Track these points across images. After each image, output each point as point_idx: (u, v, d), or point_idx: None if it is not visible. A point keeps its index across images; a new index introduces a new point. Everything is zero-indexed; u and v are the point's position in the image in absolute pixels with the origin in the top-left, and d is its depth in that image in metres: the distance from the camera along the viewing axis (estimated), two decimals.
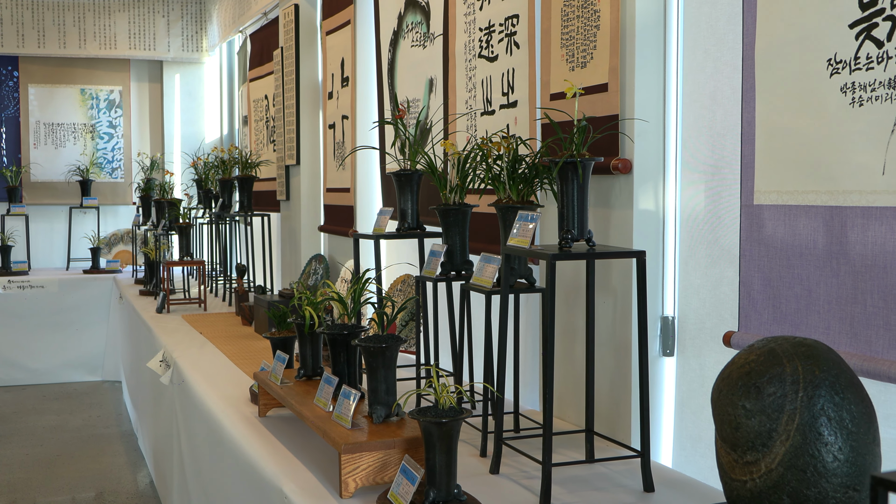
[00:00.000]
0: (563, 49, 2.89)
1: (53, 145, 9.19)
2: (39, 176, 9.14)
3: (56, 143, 9.20)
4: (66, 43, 8.89)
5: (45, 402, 7.71)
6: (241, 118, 8.01)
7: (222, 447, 3.07)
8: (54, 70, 9.16)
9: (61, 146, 9.21)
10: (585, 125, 2.34)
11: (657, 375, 2.72)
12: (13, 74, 9.05)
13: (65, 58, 9.07)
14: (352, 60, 5.08)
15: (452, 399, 2.13)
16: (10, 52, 8.84)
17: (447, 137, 3.67)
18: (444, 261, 2.87)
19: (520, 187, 2.58)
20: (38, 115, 9.15)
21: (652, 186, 2.67)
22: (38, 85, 9.13)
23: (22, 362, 8.27)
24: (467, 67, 3.59)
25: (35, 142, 9.13)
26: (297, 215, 6.08)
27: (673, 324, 2.70)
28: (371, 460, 2.26)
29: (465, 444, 2.67)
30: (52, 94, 9.18)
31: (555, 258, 2.21)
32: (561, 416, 2.96)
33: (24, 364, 8.27)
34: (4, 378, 8.23)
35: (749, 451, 1.60)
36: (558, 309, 2.93)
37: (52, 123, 9.20)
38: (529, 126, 3.14)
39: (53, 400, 7.80)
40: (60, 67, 9.17)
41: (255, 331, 4.99)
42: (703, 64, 2.58)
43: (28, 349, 8.27)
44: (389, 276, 4.39)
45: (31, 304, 8.25)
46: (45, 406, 7.59)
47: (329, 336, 2.69)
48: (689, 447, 2.66)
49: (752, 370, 1.61)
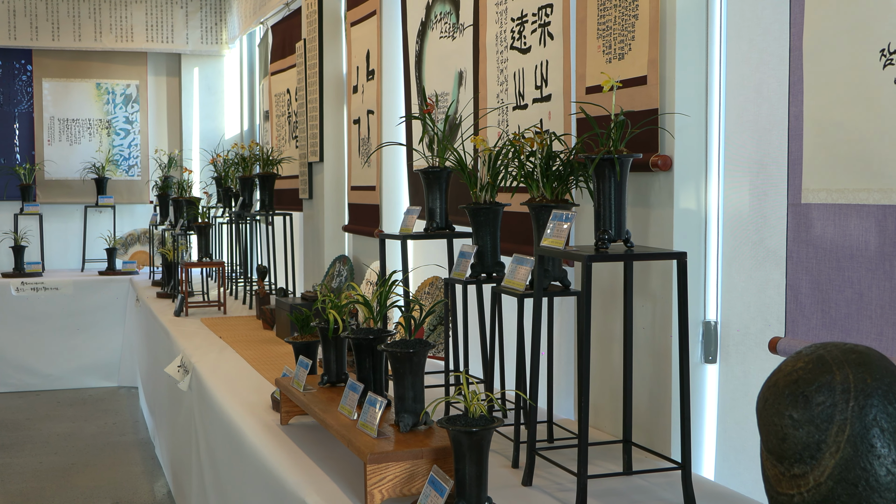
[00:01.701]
0: (600, 40, 2.88)
1: (68, 142, 9.29)
2: (53, 174, 9.24)
3: (71, 140, 9.29)
4: (82, 35, 8.98)
5: (58, 409, 7.80)
6: (262, 113, 8.06)
7: (243, 456, 3.09)
8: (69, 64, 9.26)
9: (76, 143, 9.30)
10: (623, 120, 2.34)
11: (699, 383, 2.71)
12: (26, 68, 9.15)
13: (80, 51, 9.17)
14: (377, 52, 5.10)
15: (483, 407, 2.13)
16: (23, 45, 8.95)
17: (477, 133, 3.67)
18: (475, 262, 2.87)
19: (554, 185, 2.58)
20: (52, 110, 9.25)
21: (693, 184, 2.66)
22: (52, 79, 9.23)
23: (35, 367, 8.36)
24: (499, 59, 3.59)
25: (49, 138, 9.23)
26: (320, 215, 6.10)
27: (715, 329, 2.69)
28: (398, 471, 2.27)
29: (496, 454, 2.67)
30: (66, 89, 9.28)
31: (591, 260, 2.21)
32: (597, 425, 2.96)
33: (38, 369, 8.37)
34: (17, 383, 8.33)
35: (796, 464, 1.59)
36: (594, 313, 2.93)
37: (67, 119, 9.30)
38: (564, 121, 3.14)
39: (68, 406, 7.89)
40: (75, 61, 9.26)
41: (276, 335, 5.02)
42: (747, 55, 2.56)
43: (42, 353, 8.36)
44: (417, 279, 4.40)
45: (45, 307, 8.34)
46: (59, 413, 7.68)
47: (354, 341, 2.71)
48: (733, 459, 2.64)
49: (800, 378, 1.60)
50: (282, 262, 6.34)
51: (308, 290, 5.38)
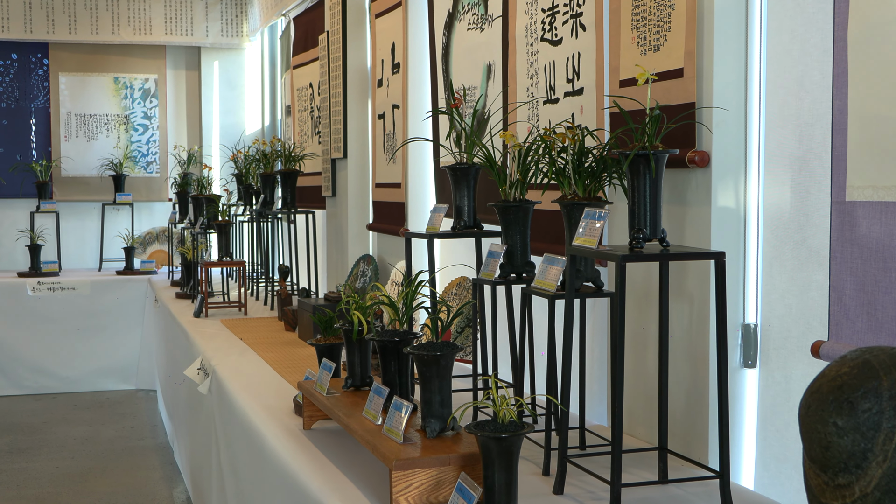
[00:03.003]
0: (634, 31, 2.87)
1: (85, 138, 9.36)
2: (70, 171, 9.32)
3: (88, 136, 9.37)
4: (99, 28, 9.06)
5: (75, 412, 7.87)
6: (284, 108, 8.09)
7: (264, 462, 3.11)
8: (86, 57, 9.33)
9: (93, 139, 9.38)
10: (659, 114, 2.33)
11: (738, 389, 2.70)
12: (43, 62, 9.24)
13: (97, 44, 9.24)
14: (403, 45, 5.11)
15: (513, 412, 2.13)
16: (39, 39, 9.03)
17: (507, 128, 3.67)
18: (504, 262, 2.87)
19: (586, 182, 2.57)
20: (68, 105, 9.33)
21: (732, 181, 2.65)
22: (69, 73, 9.32)
23: (52, 369, 8.43)
24: (529, 52, 3.59)
25: (66, 134, 9.32)
26: (343, 213, 6.12)
27: (755, 332, 2.68)
28: (424, 478, 2.27)
29: (526, 461, 2.67)
30: (83, 84, 9.36)
31: (625, 259, 2.20)
32: (631, 432, 2.95)
33: (54, 371, 8.44)
34: (33, 386, 8.41)
35: (841, 474, 1.58)
36: (628, 315, 2.92)
37: (84, 114, 9.38)
38: (597, 115, 3.13)
39: (85, 409, 7.96)
40: (92, 55, 9.34)
41: (298, 337, 5.04)
42: (789, 47, 2.55)
43: (58, 355, 8.43)
44: (444, 279, 4.41)
45: (62, 307, 8.41)
46: (76, 416, 7.74)
47: (379, 343, 2.71)
48: (774, 468, 2.63)
49: (845, 384, 1.59)
50: (304, 262, 6.37)
51: (331, 291, 5.40)
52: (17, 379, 8.36)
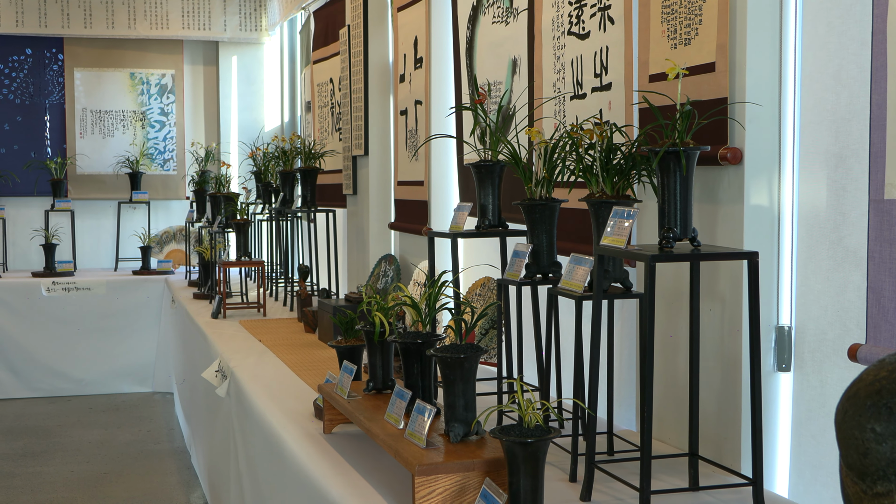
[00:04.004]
0: (664, 24, 2.87)
1: (101, 134, 9.43)
2: (86, 168, 9.38)
3: (104, 132, 9.44)
4: (115, 23, 9.11)
5: (91, 415, 7.92)
6: (304, 104, 8.12)
7: (284, 467, 3.12)
8: (102, 52, 9.40)
9: (109, 135, 9.44)
10: (690, 110, 2.32)
11: (771, 393, 2.69)
12: (58, 57, 9.31)
13: (113, 39, 9.30)
14: (426, 39, 5.11)
15: (539, 417, 2.14)
16: (54, 33, 9.10)
17: (532, 124, 3.67)
18: (529, 262, 2.87)
19: (615, 180, 2.57)
20: (84, 101, 9.39)
21: (765, 179, 2.64)
22: (84, 69, 9.38)
23: (66, 371, 8.49)
24: (555, 46, 3.59)
25: (81, 131, 9.38)
26: (365, 211, 6.14)
27: (790, 335, 2.67)
28: (448, 483, 2.28)
29: (552, 467, 2.67)
30: (99, 79, 9.42)
31: (654, 260, 2.20)
32: (661, 437, 2.95)
33: (69, 373, 8.50)
34: (48, 388, 8.47)
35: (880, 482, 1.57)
36: (658, 317, 2.91)
37: (100, 111, 9.44)
38: (625, 111, 3.13)
39: (100, 412, 8.01)
40: (108, 49, 9.40)
41: (319, 339, 5.06)
42: (825, 39, 2.54)
43: (73, 357, 8.49)
44: (468, 279, 4.41)
45: (77, 308, 8.47)
46: (92, 419, 7.80)
47: (401, 345, 2.72)
48: (809, 475, 2.62)
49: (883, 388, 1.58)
50: (324, 262, 6.39)
51: (352, 292, 5.42)
52: (31, 381, 8.43)
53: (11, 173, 9.14)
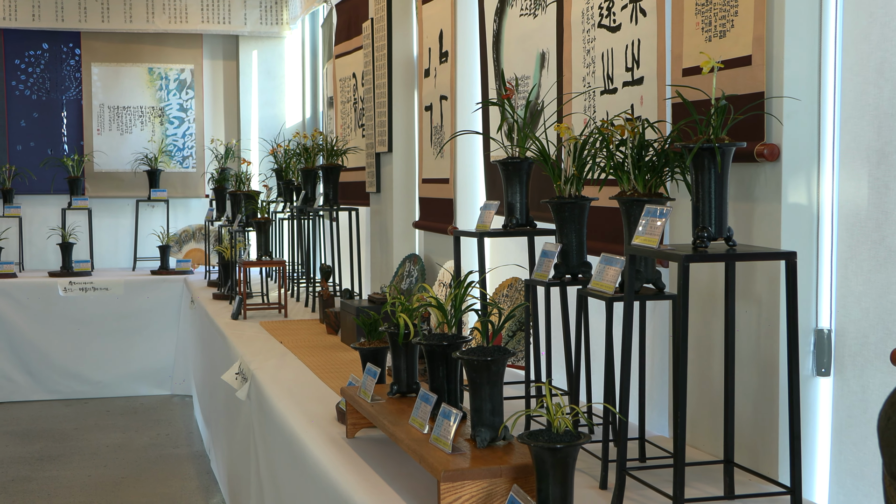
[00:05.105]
0: (699, 16, 2.86)
1: (119, 131, 9.49)
2: (103, 165, 9.45)
3: (121, 129, 9.50)
4: (133, 16, 9.17)
5: (108, 418, 7.98)
6: (326, 99, 8.14)
7: (305, 471, 3.13)
8: (119, 47, 9.46)
9: (127, 132, 9.50)
10: (725, 105, 2.31)
11: (810, 398, 2.67)
12: (75, 52, 9.38)
13: (131, 33, 9.36)
14: (451, 33, 5.11)
15: (568, 422, 2.13)
16: (71, 28, 9.17)
17: (561, 120, 3.66)
18: (558, 262, 2.87)
19: (647, 177, 2.56)
20: (101, 97, 9.46)
21: (804, 176, 2.63)
22: (101, 64, 9.44)
23: (83, 373, 8.55)
24: (585, 39, 3.58)
25: (98, 127, 9.45)
26: (388, 209, 6.14)
27: (829, 338, 2.65)
28: (474, 490, 2.28)
29: (582, 473, 2.66)
30: (117, 74, 9.48)
31: (688, 260, 2.19)
32: (694, 443, 2.93)
33: (86, 375, 8.56)
34: (64, 391, 8.53)
35: None
36: (692, 319, 2.90)
37: (118, 107, 9.50)
38: (658, 106, 3.12)
39: (118, 415, 8.06)
40: (126, 44, 9.46)
41: (341, 340, 5.07)
42: (867, 31, 2.52)
43: (90, 359, 8.55)
44: (494, 280, 4.41)
45: (94, 309, 8.53)
46: (109, 422, 7.85)
47: (426, 347, 2.72)
48: (849, 484, 2.60)
49: None
50: (347, 262, 6.40)
51: (376, 292, 5.43)
52: (47, 383, 8.49)
53: (28, 171, 9.21)
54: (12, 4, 8.91)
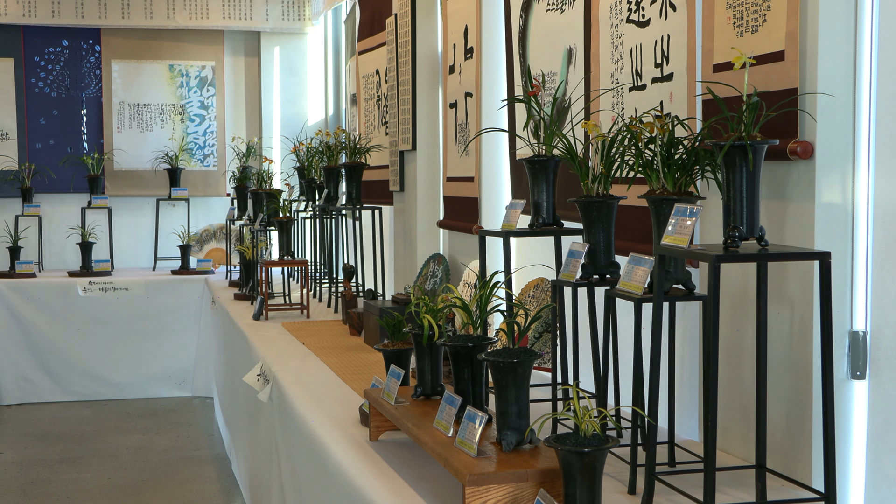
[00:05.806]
0: (730, 10, 2.85)
1: (139, 129, 9.54)
2: (123, 164, 9.50)
3: (142, 127, 9.55)
4: (153, 13, 9.22)
5: (128, 420, 8.03)
6: (349, 97, 8.16)
7: (328, 475, 3.14)
8: (140, 44, 9.51)
9: (147, 130, 9.55)
10: (757, 101, 2.31)
11: (845, 402, 2.66)
12: (94, 49, 9.44)
13: (151, 30, 9.41)
14: (477, 28, 5.11)
15: (596, 425, 2.13)
16: (91, 24, 9.22)
17: (589, 117, 3.66)
18: (586, 262, 2.87)
19: (676, 176, 2.56)
20: (121, 94, 9.51)
21: (838, 174, 2.61)
22: (121, 61, 9.50)
23: (103, 375, 8.61)
24: (613, 34, 3.57)
25: (119, 125, 9.50)
26: (412, 208, 6.15)
27: (864, 340, 2.64)
28: (500, 494, 2.28)
29: (610, 478, 2.66)
30: (137, 71, 9.54)
31: (719, 260, 2.18)
32: (725, 448, 2.92)
33: (106, 377, 8.61)
34: (84, 392, 8.59)
35: None
36: (722, 320, 2.89)
37: (138, 104, 9.55)
38: (688, 103, 3.11)
39: (138, 417, 8.11)
40: (146, 41, 9.51)
41: (364, 342, 5.08)
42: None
43: (110, 360, 8.61)
44: (520, 280, 4.41)
45: (114, 309, 8.57)
46: (129, 424, 7.90)
47: (451, 349, 2.72)
48: (886, 490, 2.58)
49: None
50: (370, 261, 6.41)
51: (399, 293, 5.43)
52: (66, 384, 8.55)
53: (47, 169, 9.27)
54: (32, 1, 8.98)
